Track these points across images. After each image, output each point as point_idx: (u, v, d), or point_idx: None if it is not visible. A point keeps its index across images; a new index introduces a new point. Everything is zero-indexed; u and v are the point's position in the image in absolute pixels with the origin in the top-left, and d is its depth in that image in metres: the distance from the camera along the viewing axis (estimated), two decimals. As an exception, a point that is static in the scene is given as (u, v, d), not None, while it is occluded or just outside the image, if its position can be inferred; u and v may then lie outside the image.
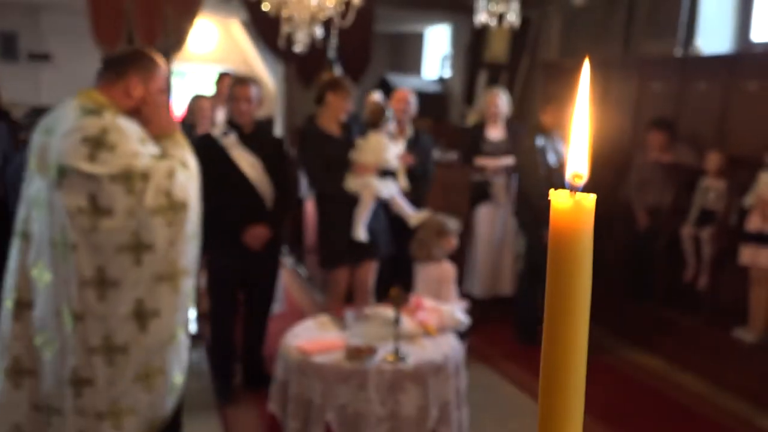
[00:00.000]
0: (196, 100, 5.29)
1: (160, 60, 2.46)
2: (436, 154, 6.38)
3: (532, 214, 4.67)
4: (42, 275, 2.28)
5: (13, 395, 2.35)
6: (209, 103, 5.19)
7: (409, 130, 4.59)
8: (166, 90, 2.51)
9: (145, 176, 2.22)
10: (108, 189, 2.19)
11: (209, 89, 6.21)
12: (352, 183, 3.96)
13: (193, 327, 2.43)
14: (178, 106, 8.89)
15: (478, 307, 4.95)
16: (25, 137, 4.43)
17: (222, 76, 6.05)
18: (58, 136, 2.24)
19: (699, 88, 5.52)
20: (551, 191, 0.62)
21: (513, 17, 3.28)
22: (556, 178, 4.64)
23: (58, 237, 2.23)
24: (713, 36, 5.91)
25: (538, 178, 4.63)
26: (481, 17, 3.33)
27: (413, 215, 4.05)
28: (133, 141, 2.26)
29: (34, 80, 10.73)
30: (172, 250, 2.27)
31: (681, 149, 5.12)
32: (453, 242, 3.57)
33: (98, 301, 2.22)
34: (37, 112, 4.50)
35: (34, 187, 2.31)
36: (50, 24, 10.69)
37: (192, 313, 2.45)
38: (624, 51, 6.65)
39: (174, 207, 2.27)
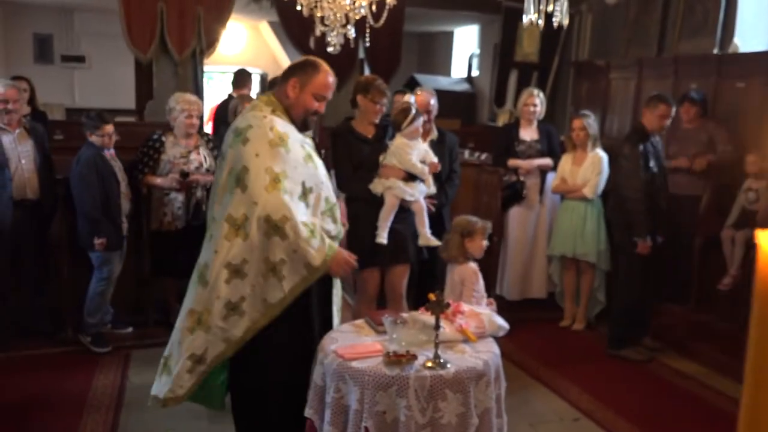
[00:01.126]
0: (240, 101, 5.28)
1: (325, 70, 2.79)
2: (466, 154, 6.34)
3: (625, 218, 4.51)
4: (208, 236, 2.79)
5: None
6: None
7: (434, 131, 4.54)
8: (324, 98, 2.80)
9: (247, 194, 2.54)
10: (224, 182, 2.63)
11: (229, 88, 6.14)
12: (377, 186, 3.94)
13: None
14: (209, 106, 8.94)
15: (509, 310, 4.90)
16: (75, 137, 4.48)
17: (246, 78, 6.00)
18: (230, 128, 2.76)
19: (737, 87, 5.40)
20: (760, 231, 0.54)
21: (562, 17, 3.20)
22: (658, 182, 4.54)
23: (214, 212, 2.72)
24: (751, 34, 5.78)
25: (637, 185, 4.41)
26: (530, 17, 3.25)
27: (425, 235, 4.02)
28: (263, 142, 2.58)
29: (68, 82, 10.88)
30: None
31: (720, 148, 5.02)
32: (480, 244, 3.48)
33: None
34: (99, 114, 4.56)
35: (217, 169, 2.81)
36: (84, 27, 10.84)
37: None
38: (659, 50, 6.54)
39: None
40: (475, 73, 11.01)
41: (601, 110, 6.91)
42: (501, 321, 2.76)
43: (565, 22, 3.20)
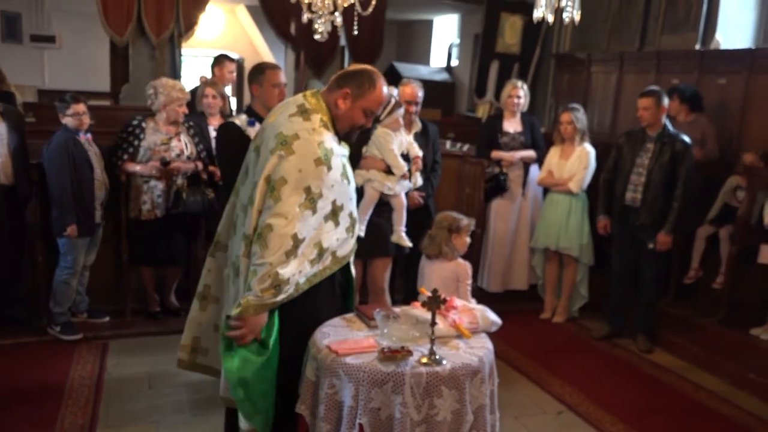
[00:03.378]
0: (204, 86, 5.15)
1: (381, 86, 2.58)
2: (447, 145, 6.31)
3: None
4: (240, 226, 2.65)
5: (199, 315, 2.88)
6: (213, 91, 5.02)
7: (417, 123, 4.51)
8: (374, 114, 2.62)
9: (280, 206, 2.40)
10: (261, 186, 2.46)
11: (207, 73, 5.98)
12: (357, 177, 3.90)
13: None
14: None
15: (491, 301, 4.90)
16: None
17: (221, 60, 5.82)
18: (273, 123, 2.57)
19: (719, 83, 5.45)
20: None
21: (574, 12, 3.17)
22: (623, 174, 4.71)
23: (247, 201, 2.57)
24: (733, 30, 5.84)
25: (604, 171, 4.87)
26: (542, 12, 3.21)
27: (398, 233, 4.01)
28: (309, 159, 2.44)
29: (37, 63, 10.58)
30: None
31: (708, 146, 5.06)
32: (465, 241, 3.48)
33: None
34: (72, 95, 4.42)
35: (250, 158, 2.66)
36: (54, 5, 10.53)
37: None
38: (640, 44, 6.57)
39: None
40: (454, 62, 10.99)
41: (581, 103, 6.93)
42: (494, 316, 2.74)
43: (577, 17, 3.17)
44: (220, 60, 5.75)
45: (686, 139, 4.53)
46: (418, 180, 4.34)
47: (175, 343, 4.28)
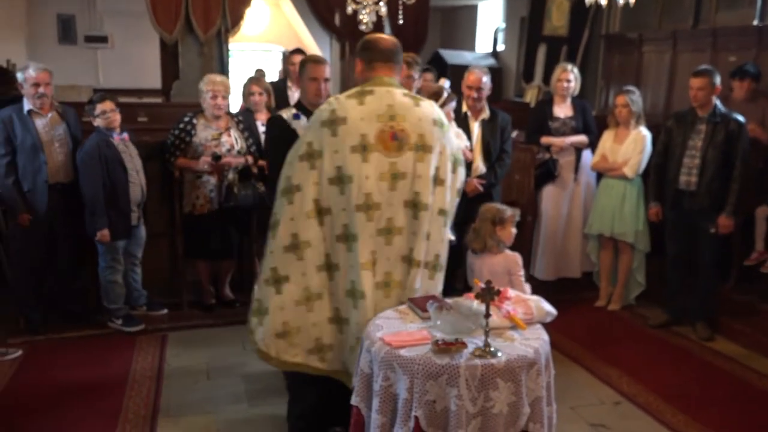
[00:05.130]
0: (248, 84, 5.21)
1: None
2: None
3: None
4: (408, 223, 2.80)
5: (339, 338, 2.84)
6: (258, 88, 5.07)
7: (486, 110, 4.51)
8: None
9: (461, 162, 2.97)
10: (450, 165, 2.86)
11: (269, 69, 6.06)
12: None
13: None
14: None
15: (543, 290, 4.83)
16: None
17: (291, 54, 5.89)
18: (410, 121, 2.76)
19: (779, 59, 5.25)
20: None
21: None
22: (674, 159, 4.59)
23: (410, 198, 2.77)
24: (794, 4, 5.59)
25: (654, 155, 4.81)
26: None
27: None
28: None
29: (91, 62, 10.88)
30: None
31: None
32: (510, 232, 3.42)
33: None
34: (100, 95, 4.51)
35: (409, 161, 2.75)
36: (106, 6, 10.79)
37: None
38: (695, 22, 6.35)
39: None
40: (500, 47, 10.83)
41: (633, 85, 6.75)
42: (549, 307, 2.70)
43: (632, -1, 3.08)
44: (291, 54, 5.93)
45: (740, 117, 4.37)
46: (480, 167, 4.34)
47: (232, 334, 4.43)
